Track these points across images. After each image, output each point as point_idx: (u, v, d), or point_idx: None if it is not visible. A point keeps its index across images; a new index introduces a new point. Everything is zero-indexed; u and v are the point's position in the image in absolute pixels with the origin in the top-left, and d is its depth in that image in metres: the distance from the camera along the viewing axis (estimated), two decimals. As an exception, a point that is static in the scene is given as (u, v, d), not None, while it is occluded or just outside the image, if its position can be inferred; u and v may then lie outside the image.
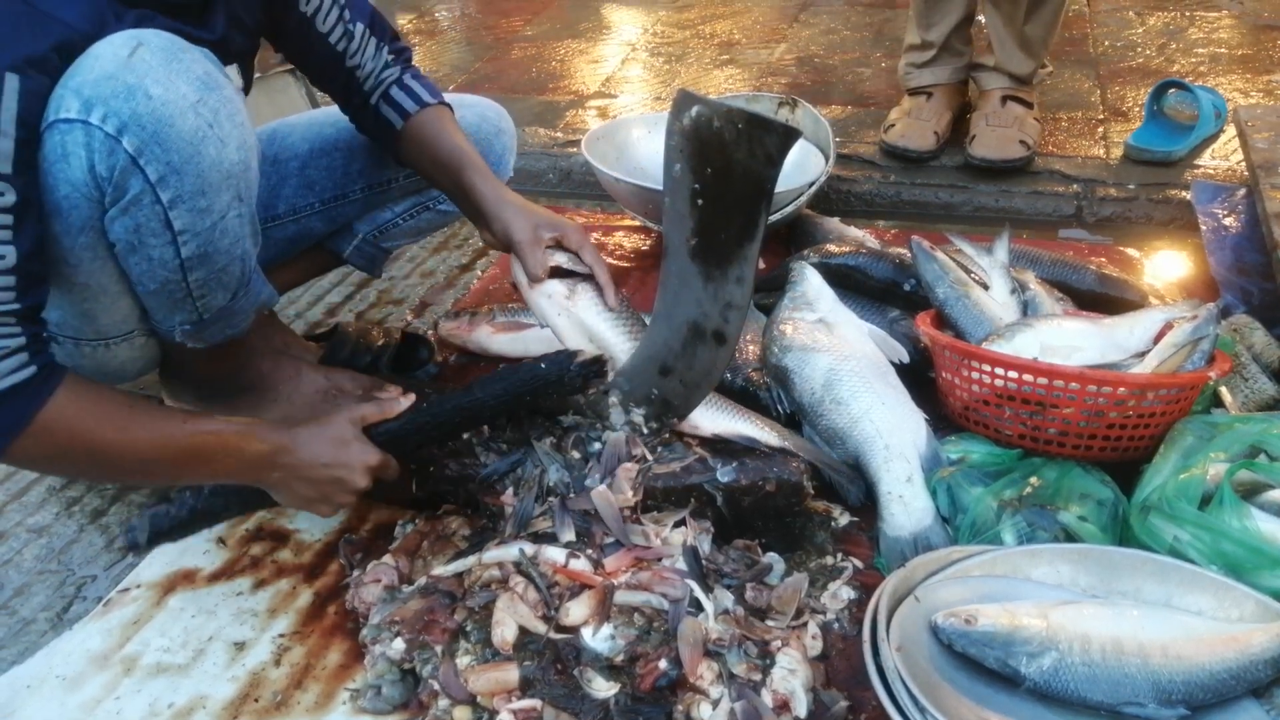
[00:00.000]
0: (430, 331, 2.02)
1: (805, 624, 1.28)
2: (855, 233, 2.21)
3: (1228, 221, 2.17)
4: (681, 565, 1.27)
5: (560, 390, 1.40)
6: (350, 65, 1.59)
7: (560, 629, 1.20)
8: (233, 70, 1.45)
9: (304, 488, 1.32)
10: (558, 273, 1.49)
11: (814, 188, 2.24)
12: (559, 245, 1.49)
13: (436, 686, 1.20)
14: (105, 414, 1.20)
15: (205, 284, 1.32)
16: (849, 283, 1.85)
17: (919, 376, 1.62)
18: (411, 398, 1.41)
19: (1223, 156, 2.53)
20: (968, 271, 1.75)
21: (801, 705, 1.15)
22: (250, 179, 1.30)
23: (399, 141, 1.62)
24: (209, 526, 1.50)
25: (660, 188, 1.34)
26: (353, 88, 1.61)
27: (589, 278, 1.50)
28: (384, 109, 1.61)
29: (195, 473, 1.30)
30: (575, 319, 1.48)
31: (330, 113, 1.78)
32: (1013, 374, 1.42)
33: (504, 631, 1.20)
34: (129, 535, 1.44)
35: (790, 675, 1.17)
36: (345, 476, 1.31)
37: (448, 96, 1.69)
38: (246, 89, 1.53)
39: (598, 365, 1.40)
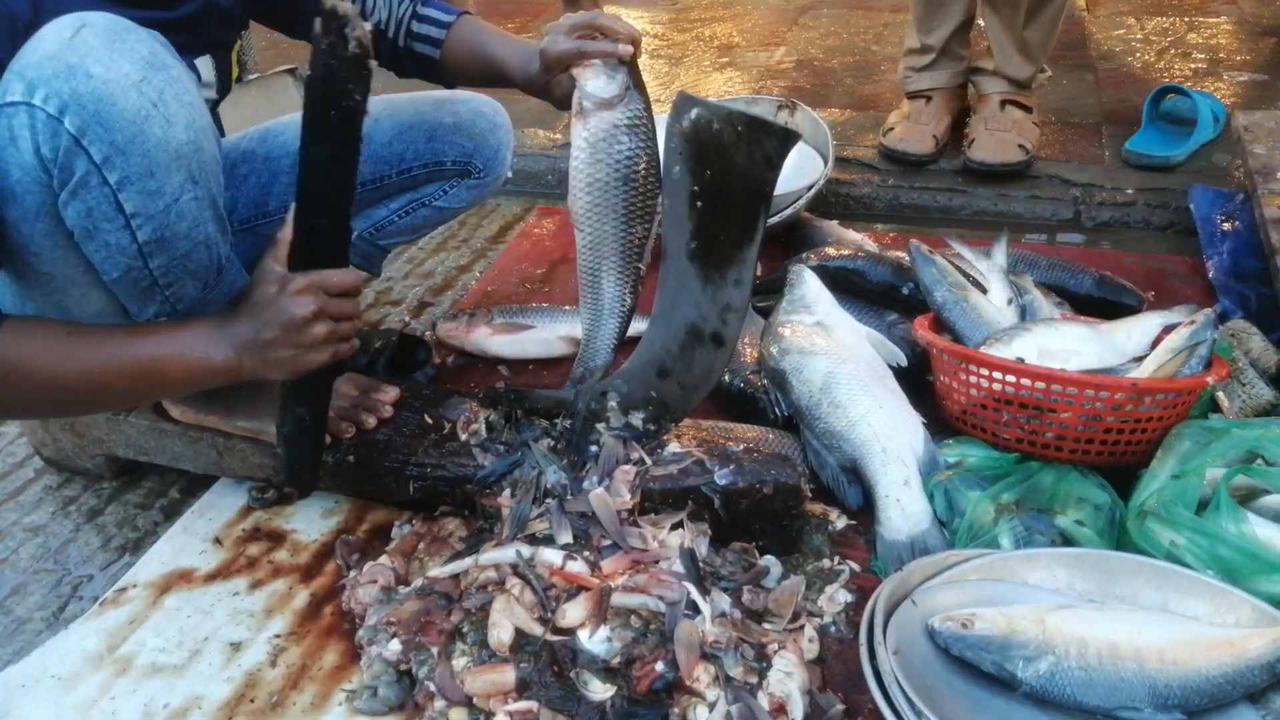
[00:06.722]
0: (428, 333, 2.02)
1: (802, 627, 1.28)
2: (854, 236, 2.20)
3: (1225, 226, 2.18)
4: (678, 568, 1.27)
5: None
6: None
7: (557, 631, 1.20)
8: (205, 61, 1.44)
9: (277, 351, 1.27)
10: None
11: (813, 191, 2.25)
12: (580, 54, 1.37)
13: (433, 688, 1.19)
14: (46, 344, 1.22)
15: (170, 271, 1.30)
16: (847, 286, 1.85)
17: (917, 380, 1.62)
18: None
19: (1220, 162, 2.53)
20: (966, 275, 1.75)
21: (798, 708, 1.15)
22: (204, 160, 1.26)
23: (443, 73, 1.64)
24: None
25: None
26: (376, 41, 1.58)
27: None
28: (416, 47, 1.62)
29: (153, 386, 1.32)
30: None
31: None
32: (1010, 378, 1.42)
33: (500, 633, 1.20)
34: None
35: (787, 678, 1.17)
36: (293, 314, 1.25)
37: (445, 94, 1.68)
38: (226, 84, 1.51)
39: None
